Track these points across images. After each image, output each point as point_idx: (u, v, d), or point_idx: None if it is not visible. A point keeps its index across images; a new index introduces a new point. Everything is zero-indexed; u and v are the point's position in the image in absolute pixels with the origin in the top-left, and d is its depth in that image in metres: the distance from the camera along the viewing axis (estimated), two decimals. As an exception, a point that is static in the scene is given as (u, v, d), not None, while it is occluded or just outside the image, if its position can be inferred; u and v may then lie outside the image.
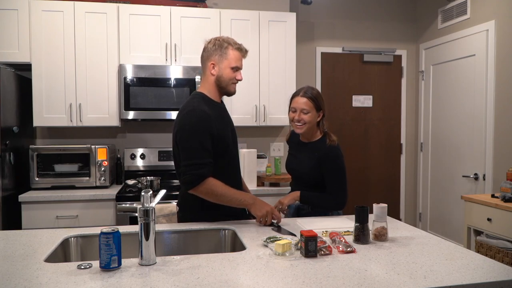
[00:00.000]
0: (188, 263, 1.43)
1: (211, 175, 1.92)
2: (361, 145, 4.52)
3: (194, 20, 3.48)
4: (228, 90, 2.05)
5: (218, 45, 2.01)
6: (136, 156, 3.64)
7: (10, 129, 3.07)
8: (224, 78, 2.01)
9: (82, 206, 3.07)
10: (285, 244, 1.51)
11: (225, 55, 1.99)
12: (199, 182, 1.89)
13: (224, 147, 2.01)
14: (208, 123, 1.93)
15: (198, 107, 1.95)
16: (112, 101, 3.38)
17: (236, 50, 2.01)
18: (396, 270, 1.36)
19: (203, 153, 1.91)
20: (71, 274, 1.32)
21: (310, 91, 2.21)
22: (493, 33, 3.51)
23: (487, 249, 2.84)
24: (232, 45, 2.01)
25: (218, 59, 2.00)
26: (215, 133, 1.95)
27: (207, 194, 1.92)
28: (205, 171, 1.90)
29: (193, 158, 1.90)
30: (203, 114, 1.93)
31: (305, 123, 2.18)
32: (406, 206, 4.67)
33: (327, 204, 2.21)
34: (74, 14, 3.30)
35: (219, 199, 1.93)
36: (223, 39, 2.03)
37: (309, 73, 4.38)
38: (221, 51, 2.00)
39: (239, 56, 2.03)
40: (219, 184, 1.92)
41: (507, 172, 2.97)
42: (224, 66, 2.00)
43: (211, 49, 2.02)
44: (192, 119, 1.92)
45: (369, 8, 4.49)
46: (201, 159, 1.90)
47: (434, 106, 4.32)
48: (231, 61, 2.00)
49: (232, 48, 2.00)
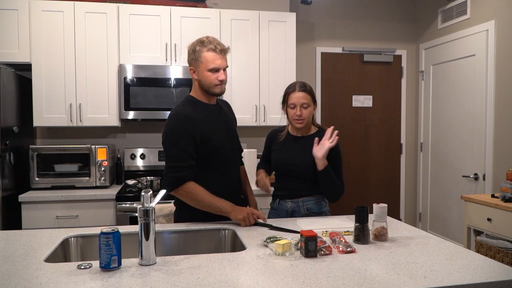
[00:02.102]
0: (188, 263, 1.43)
1: (194, 178, 1.93)
2: (361, 145, 4.52)
3: (194, 20, 3.48)
4: (213, 92, 2.00)
5: (192, 50, 1.97)
6: (136, 156, 3.64)
7: (10, 129, 3.07)
8: (205, 81, 1.97)
9: (82, 206, 3.07)
10: (285, 244, 1.51)
11: (200, 58, 1.94)
12: (179, 185, 1.91)
13: (212, 148, 2.00)
14: (190, 126, 1.93)
15: (182, 110, 1.97)
16: (112, 101, 3.38)
17: (209, 51, 1.93)
18: (396, 270, 1.36)
19: (184, 156, 1.91)
20: (71, 274, 1.32)
21: (304, 85, 2.21)
22: (493, 33, 3.51)
23: (487, 249, 2.84)
24: (205, 46, 1.93)
25: (195, 64, 1.97)
26: (198, 135, 1.94)
27: (187, 197, 1.93)
28: (185, 174, 1.91)
29: (174, 161, 1.92)
30: (184, 118, 1.93)
31: (305, 118, 2.17)
32: (406, 206, 4.67)
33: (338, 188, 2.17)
34: (74, 14, 3.30)
35: (198, 204, 1.94)
36: (198, 41, 1.97)
37: (309, 73, 4.38)
38: (194, 55, 1.96)
39: (215, 57, 1.93)
40: (199, 189, 1.92)
41: (507, 172, 2.97)
42: (202, 70, 1.95)
43: (189, 54, 2.00)
44: (173, 122, 1.94)
45: (369, 8, 4.49)
46: (182, 162, 1.91)
47: (434, 106, 4.32)
48: (206, 64, 1.93)
49: (205, 50, 1.93)
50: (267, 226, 1.91)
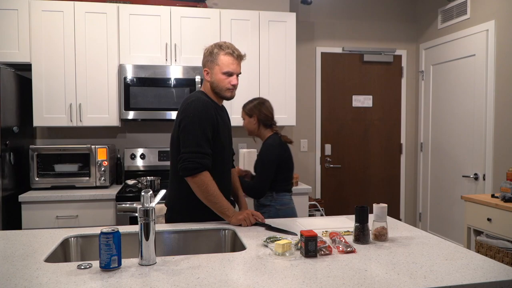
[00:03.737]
0: (188, 263, 1.43)
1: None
2: (361, 145, 4.52)
3: (194, 20, 3.48)
4: (224, 96, 2.06)
5: (210, 51, 2.03)
6: (136, 156, 3.64)
7: (10, 129, 3.07)
8: (218, 84, 2.03)
9: (82, 206, 3.07)
10: (285, 244, 1.51)
11: (216, 60, 2.00)
12: (200, 172, 1.89)
13: (219, 146, 2.03)
14: (210, 114, 1.97)
15: (202, 97, 2.00)
16: (112, 101, 3.38)
17: (227, 55, 2.00)
18: (396, 270, 1.36)
19: (206, 142, 1.93)
20: (71, 274, 1.32)
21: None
22: (493, 33, 3.51)
23: (487, 249, 2.84)
24: (223, 50, 2.00)
25: (210, 65, 2.03)
26: (215, 124, 1.99)
27: (201, 186, 1.90)
28: (207, 161, 1.92)
29: (197, 146, 1.91)
30: (207, 104, 1.98)
31: (245, 127, 2.70)
32: (406, 206, 4.67)
33: (246, 190, 2.49)
34: (74, 14, 3.30)
35: (208, 196, 1.92)
36: (216, 44, 2.05)
37: (309, 73, 4.38)
38: (211, 57, 2.02)
39: (231, 61, 2.01)
40: (213, 183, 1.93)
41: (507, 172, 2.97)
42: (216, 72, 2.01)
43: (205, 55, 2.06)
44: (197, 107, 1.95)
45: (369, 8, 4.49)
46: (204, 148, 1.92)
47: (434, 106, 4.32)
48: (222, 66, 2.00)
49: (223, 53, 2.00)
50: (266, 226, 1.92)
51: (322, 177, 4.43)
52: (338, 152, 4.46)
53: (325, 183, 4.44)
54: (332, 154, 4.44)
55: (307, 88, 4.38)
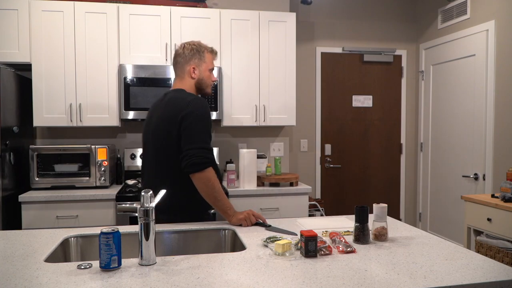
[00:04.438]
0: (188, 263, 1.43)
1: None
2: (361, 145, 4.52)
3: (194, 20, 3.48)
4: (207, 92, 2.19)
5: (195, 50, 2.13)
6: (136, 156, 3.64)
7: (10, 129, 3.07)
8: (206, 80, 2.15)
9: (82, 206, 3.07)
10: (285, 244, 1.51)
11: (204, 58, 2.14)
12: (207, 167, 1.92)
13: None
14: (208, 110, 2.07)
15: (196, 95, 2.12)
16: (112, 101, 3.38)
17: (210, 53, 2.16)
18: (396, 270, 1.36)
19: (210, 139, 2.00)
20: (71, 274, 1.32)
21: None
22: (493, 33, 3.51)
23: (487, 249, 2.84)
24: (207, 49, 2.16)
25: (197, 63, 2.13)
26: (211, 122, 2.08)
27: (206, 182, 1.91)
28: (213, 157, 1.98)
29: (204, 142, 1.96)
30: (206, 101, 2.08)
31: None
32: (406, 206, 4.67)
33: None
34: (74, 14, 3.30)
35: (211, 192, 1.92)
36: (197, 43, 2.16)
37: (309, 73, 4.38)
38: (199, 55, 2.13)
39: (214, 58, 2.19)
40: (217, 180, 1.97)
41: (507, 172, 2.97)
42: (204, 69, 2.14)
43: (189, 54, 2.13)
44: (203, 105, 2.03)
45: (369, 8, 4.49)
46: (209, 145, 1.98)
47: (434, 106, 4.32)
48: (208, 64, 2.15)
49: (207, 52, 2.15)
50: (266, 226, 1.92)
51: (322, 177, 4.43)
52: (338, 152, 4.47)
53: (325, 183, 4.44)
54: (332, 154, 4.45)
55: (307, 88, 4.38)
